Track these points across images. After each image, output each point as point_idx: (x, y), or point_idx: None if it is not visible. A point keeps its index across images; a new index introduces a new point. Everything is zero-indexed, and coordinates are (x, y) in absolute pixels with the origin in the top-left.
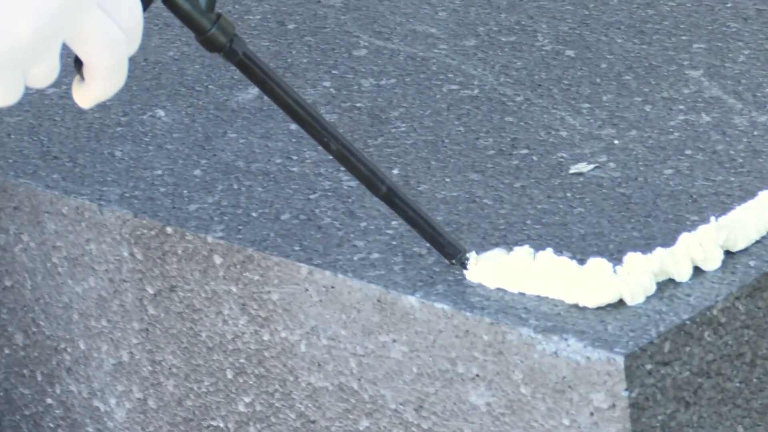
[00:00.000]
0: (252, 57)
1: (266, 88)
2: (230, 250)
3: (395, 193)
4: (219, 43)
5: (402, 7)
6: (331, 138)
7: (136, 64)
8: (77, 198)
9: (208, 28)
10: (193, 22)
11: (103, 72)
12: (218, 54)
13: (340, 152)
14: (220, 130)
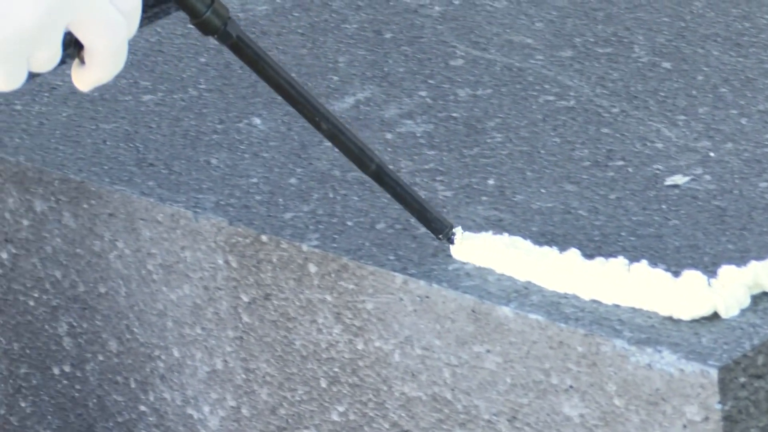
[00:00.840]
0: (245, 39)
1: (259, 70)
2: (325, 259)
3: (384, 171)
4: (213, 26)
5: (499, 18)
6: (322, 118)
7: (233, 72)
8: (173, 205)
9: (203, 12)
10: (188, 6)
11: (104, 56)
12: (213, 37)
13: (331, 131)
14: (316, 138)
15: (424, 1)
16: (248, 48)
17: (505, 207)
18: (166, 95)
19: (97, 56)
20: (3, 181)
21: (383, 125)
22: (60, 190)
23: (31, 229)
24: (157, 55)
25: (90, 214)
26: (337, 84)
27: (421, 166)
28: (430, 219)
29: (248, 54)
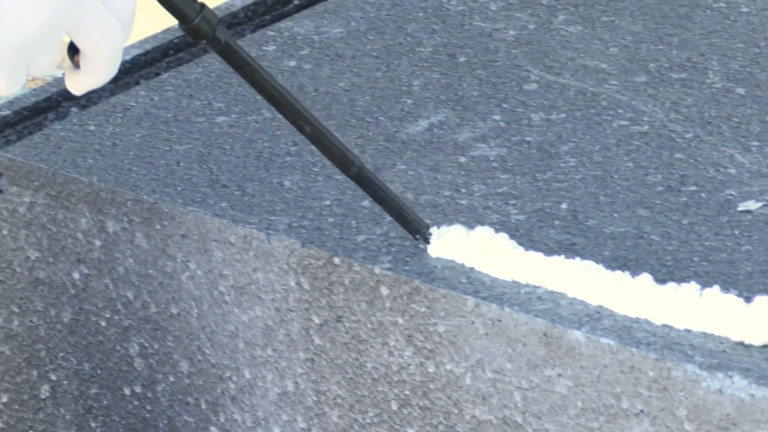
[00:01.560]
0: (233, 45)
1: (246, 75)
2: (397, 282)
3: (364, 173)
4: (203, 32)
5: (573, 42)
6: (306, 122)
7: (307, 94)
8: (245, 227)
9: (193, 18)
10: (178, 11)
11: (100, 61)
12: (202, 42)
13: (315, 135)
14: (389, 161)
15: (498, 25)
16: (236, 53)
17: (577, 231)
18: (240, 117)
19: (94, 61)
20: (76, 202)
21: (457, 149)
22: (133, 210)
23: (103, 249)
24: (232, 77)
25: (162, 235)
26: (410, 107)
27: (494, 189)
28: (409, 220)
29: (236, 59)
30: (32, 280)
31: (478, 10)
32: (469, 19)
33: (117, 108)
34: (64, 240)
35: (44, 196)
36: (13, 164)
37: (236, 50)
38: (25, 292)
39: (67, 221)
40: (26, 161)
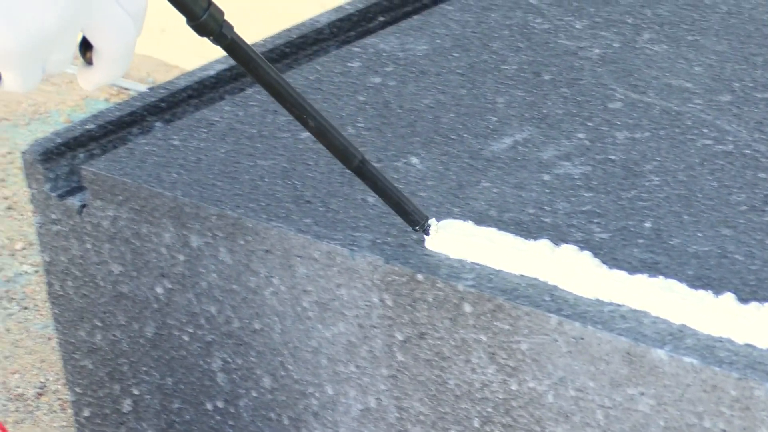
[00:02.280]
0: (239, 41)
1: (252, 70)
2: (481, 299)
3: (366, 166)
4: (210, 29)
5: (658, 61)
6: (310, 116)
7: (392, 111)
8: (329, 243)
9: (201, 15)
10: (187, 9)
11: (114, 57)
12: (209, 38)
13: (318, 129)
14: (473, 178)
15: (583, 44)
16: (242, 49)
17: (661, 250)
18: None
19: (107, 57)
20: (160, 216)
21: (541, 166)
22: (217, 225)
23: (187, 264)
24: (316, 93)
25: (246, 250)
26: (495, 125)
27: (578, 207)
28: (408, 212)
29: (242, 55)
30: (115, 294)
31: (563, 29)
32: (554, 37)
33: (201, 123)
34: (148, 254)
35: (128, 210)
36: (98, 178)
37: (242, 46)
38: (108, 306)
39: (150, 236)
40: (110, 175)
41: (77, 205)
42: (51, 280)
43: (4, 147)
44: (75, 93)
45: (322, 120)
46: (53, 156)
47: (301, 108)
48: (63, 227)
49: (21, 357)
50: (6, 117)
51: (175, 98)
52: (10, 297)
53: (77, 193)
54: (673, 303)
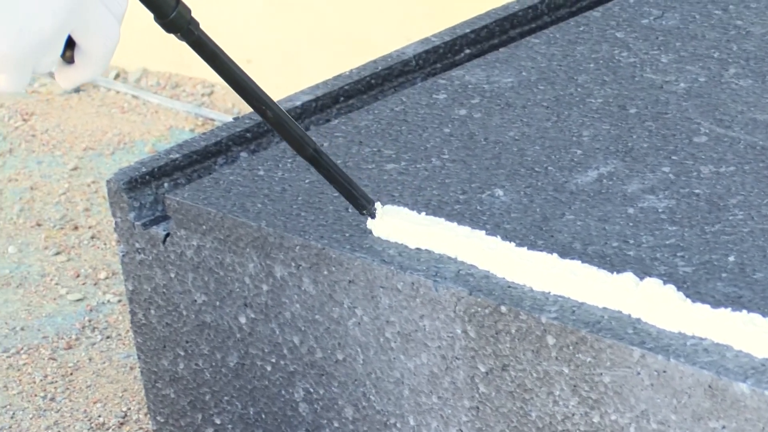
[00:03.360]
0: (205, 38)
1: (217, 65)
2: (564, 331)
3: (320, 155)
4: (178, 26)
5: (744, 96)
6: (268, 107)
7: (477, 143)
8: (413, 274)
9: (170, 13)
10: (157, 7)
11: (98, 56)
12: (176, 35)
13: (275, 119)
14: (557, 211)
15: (669, 78)
16: (208, 45)
17: (744, 284)
18: (409, 164)
19: (92, 57)
20: (244, 246)
21: (625, 200)
22: (301, 256)
23: (270, 294)
24: (402, 125)
25: (330, 280)
26: (580, 158)
27: (662, 241)
28: (357, 196)
29: (208, 51)
30: (198, 323)
31: (649, 62)
32: (640, 71)
33: (287, 153)
34: (231, 284)
35: (212, 239)
36: (182, 207)
37: (207, 43)
38: (191, 335)
39: (234, 265)
40: (195, 205)
41: (161, 234)
42: (134, 309)
43: (89, 176)
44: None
45: (279, 111)
46: (138, 185)
47: (260, 100)
48: (147, 256)
49: (103, 386)
50: (91, 146)
51: (261, 128)
52: (93, 326)
53: (161, 222)
54: (756, 337)
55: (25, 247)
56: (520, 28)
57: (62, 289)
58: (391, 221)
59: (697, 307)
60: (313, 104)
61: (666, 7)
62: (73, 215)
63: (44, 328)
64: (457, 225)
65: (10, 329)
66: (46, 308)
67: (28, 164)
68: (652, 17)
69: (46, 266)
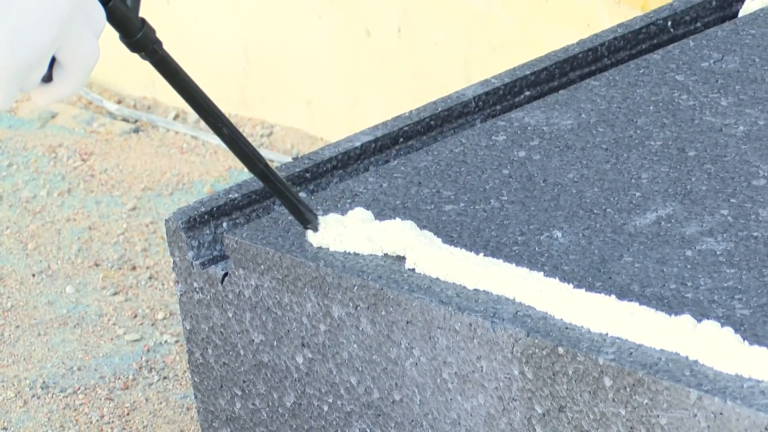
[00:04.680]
0: (168, 57)
1: (177, 83)
2: (621, 373)
3: (269, 171)
4: (143, 45)
5: None
6: (224, 125)
7: (536, 185)
8: (470, 315)
9: (136, 33)
10: (126, 26)
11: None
12: (140, 54)
13: (230, 136)
14: (616, 253)
15: (728, 121)
16: (169, 64)
17: None
18: (468, 206)
19: (72, 73)
20: (302, 286)
21: (683, 242)
22: (358, 296)
23: (327, 334)
24: (461, 166)
25: (387, 321)
26: (638, 200)
27: (720, 284)
28: (302, 211)
29: (170, 69)
30: (256, 363)
31: (708, 105)
32: (699, 113)
33: (345, 194)
34: (289, 324)
35: (270, 279)
36: (240, 247)
37: (170, 62)
38: (248, 374)
39: (292, 305)
40: (253, 244)
41: (220, 273)
42: (192, 349)
43: (148, 216)
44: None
45: (234, 129)
46: (196, 224)
47: (217, 118)
48: (205, 296)
49: (160, 427)
50: (149, 186)
51: (320, 169)
52: (150, 366)
53: (219, 262)
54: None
55: (83, 287)
56: (579, 71)
57: (119, 330)
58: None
59: (755, 350)
60: (372, 145)
61: (726, 51)
62: (131, 255)
63: (101, 368)
64: (515, 266)
65: (67, 369)
66: (104, 348)
67: (87, 204)
68: (712, 60)
69: (104, 306)
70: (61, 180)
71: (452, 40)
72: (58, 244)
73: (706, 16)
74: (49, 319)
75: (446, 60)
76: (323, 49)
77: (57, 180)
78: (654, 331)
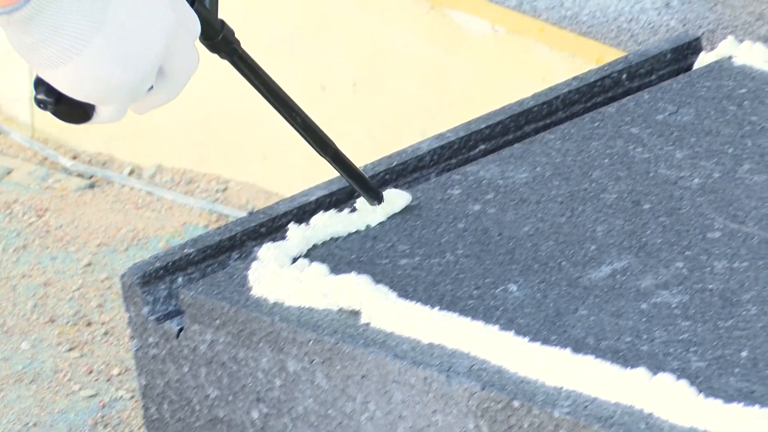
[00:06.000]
0: (246, 55)
1: (257, 78)
2: (576, 426)
3: (339, 154)
4: (224, 46)
5: (758, 191)
6: (297, 114)
7: (491, 238)
8: (426, 369)
9: (218, 34)
10: (208, 28)
11: (180, 81)
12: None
13: (303, 123)
14: (571, 306)
15: (683, 173)
16: (247, 62)
17: (757, 380)
18: (423, 260)
19: (174, 80)
20: (258, 341)
21: (639, 295)
22: (314, 350)
23: (283, 388)
24: (416, 220)
25: (343, 375)
26: (593, 253)
27: (675, 336)
28: (371, 188)
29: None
30: (211, 418)
31: (663, 158)
32: (654, 166)
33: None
34: (245, 378)
35: (226, 334)
36: (196, 302)
37: (248, 59)
38: (203, 430)
39: (248, 360)
40: (209, 299)
41: (175, 329)
42: (147, 404)
43: (103, 272)
44: (174, 219)
45: (306, 117)
46: (152, 280)
47: (291, 108)
48: (160, 351)
49: None
50: (105, 242)
51: (275, 223)
52: (106, 422)
53: (175, 317)
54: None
55: (39, 343)
56: (534, 124)
57: (75, 386)
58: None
59: (710, 402)
60: (327, 199)
61: (681, 103)
62: (86, 311)
63: (57, 424)
64: (471, 320)
65: (23, 425)
66: (59, 404)
67: (42, 260)
68: (667, 113)
69: (59, 362)
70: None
71: (408, 94)
72: (14, 300)
73: (661, 69)
74: (4, 375)
75: (402, 114)
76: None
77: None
78: (609, 384)
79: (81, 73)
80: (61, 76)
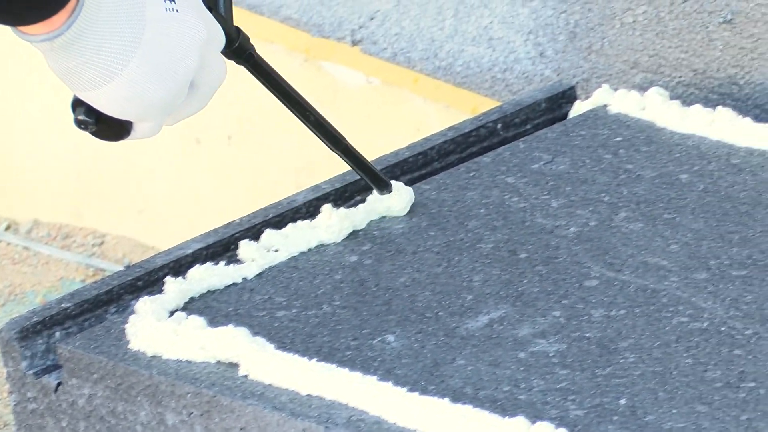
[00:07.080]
0: (261, 60)
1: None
2: None
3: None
4: (241, 52)
5: (634, 239)
6: (311, 113)
7: (368, 289)
8: (304, 420)
9: (235, 42)
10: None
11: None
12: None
13: (315, 121)
14: (448, 356)
15: (559, 222)
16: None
17: (636, 427)
18: (300, 311)
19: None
20: (136, 394)
21: (516, 344)
22: (192, 403)
23: None
24: (293, 272)
25: (221, 428)
26: (470, 303)
27: (553, 385)
28: (381, 178)
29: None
30: None
31: (539, 207)
32: (530, 215)
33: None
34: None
35: (104, 388)
36: (74, 356)
37: (263, 64)
38: None
39: (126, 413)
40: (86, 353)
41: (53, 383)
42: None
43: None
44: (51, 274)
45: (318, 115)
46: (29, 334)
47: (305, 107)
48: (39, 405)
49: None
50: None
51: (152, 276)
52: None
53: (53, 372)
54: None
55: None
56: (410, 175)
57: None
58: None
59: None
60: (204, 252)
61: (556, 152)
62: None
63: None
64: (349, 371)
65: None
66: None
67: None
68: (542, 162)
69: None
70: None
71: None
72: None
73: (536, 118)
74: None
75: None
76: (154, 158)
77: None
78: None
79: (121, 92)
80: (102, 96)
